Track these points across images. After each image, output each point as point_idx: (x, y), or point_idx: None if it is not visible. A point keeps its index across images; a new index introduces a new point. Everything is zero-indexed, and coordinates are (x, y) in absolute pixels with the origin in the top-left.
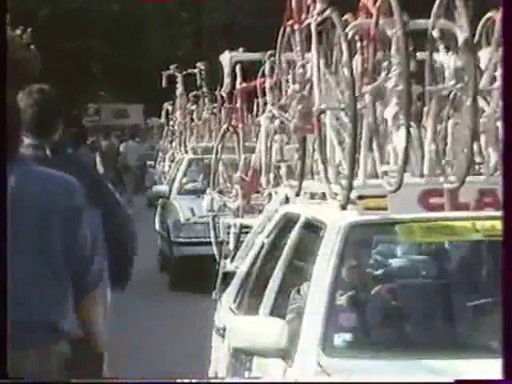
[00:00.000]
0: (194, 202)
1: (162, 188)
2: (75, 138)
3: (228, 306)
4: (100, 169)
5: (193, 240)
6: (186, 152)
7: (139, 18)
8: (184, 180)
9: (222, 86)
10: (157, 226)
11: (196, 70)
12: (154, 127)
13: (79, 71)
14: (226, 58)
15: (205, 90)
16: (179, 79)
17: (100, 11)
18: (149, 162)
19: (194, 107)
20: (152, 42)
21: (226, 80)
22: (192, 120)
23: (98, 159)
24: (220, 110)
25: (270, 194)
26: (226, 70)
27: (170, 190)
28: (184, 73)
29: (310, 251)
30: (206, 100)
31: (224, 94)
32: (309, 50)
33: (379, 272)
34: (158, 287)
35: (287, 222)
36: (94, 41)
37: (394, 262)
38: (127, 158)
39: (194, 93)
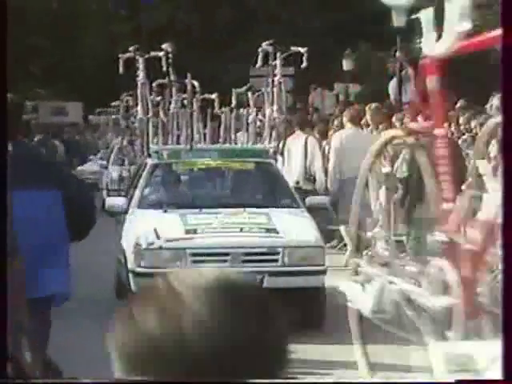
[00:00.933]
0: (160, 220)
1: (118, 201)
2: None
3: None
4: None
5: (157, 271)
6: (150, 156)
7: (78, 15)
8: (146, 191)
9: None
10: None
11: (161, 54)
12: (101, 124)
13: (17, 68)
14: None
15: (173, 77)
16: (140, 64)
17: (38, 8)
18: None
19: (159, 99)
20: (90, 40)
21: None
22: (157, 115)
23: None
24: (191, 103)
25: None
26: None
27: (129, 203)
28: (146, 56)
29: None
30: (174, 90)
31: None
32: None
33: None
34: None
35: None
36: (33, 38)
37: None
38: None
39: (159, 81)
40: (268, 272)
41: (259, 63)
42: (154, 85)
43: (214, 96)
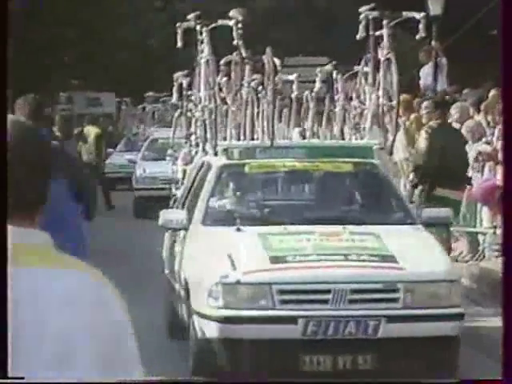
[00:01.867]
0: (234, 242)
1: (177, 215)
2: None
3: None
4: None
5: (233, 314)
6: (215, 154)
7: (111, 5)
8: (213, 201)
9: None
10: (166, 269)
11: (231, 22)
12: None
13: (52, 59)
14: None
15: (245, 53)
16: (204, 35)
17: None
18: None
19: (225, 80)
20: (124, 32)
21: None
22: (224, 102)
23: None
24: (275, 87)
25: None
26: None
27: (190, 218)
28: (211, 26)
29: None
30: (247, 69)
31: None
32: None
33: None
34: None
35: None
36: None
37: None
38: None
39: (229, 58)
40: (385, 316)
41: (361, 33)
42: (221, 62)
43: (293, 77)
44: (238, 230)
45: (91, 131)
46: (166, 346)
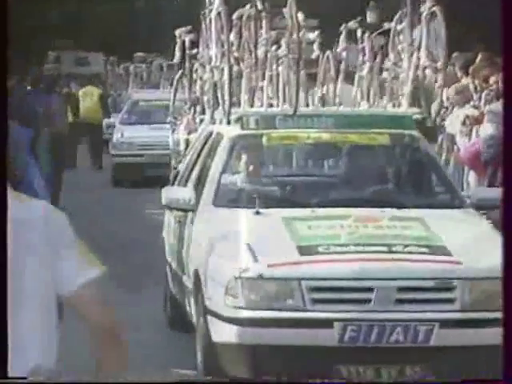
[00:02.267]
0: (254, 228)
1: (184, 194)
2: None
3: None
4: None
5: (257, 316)
6: (228, 122)
7: None
8: (226, 178)
9: None
10: (167, 253)
11: None
12: (124, 75)
13: (37, 19)
14: None
15: (261, 5)
16: None
17: None
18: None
19: (237, 37)
20: None
21: None
22: (237, 62)
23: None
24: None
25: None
26: None
27: (198, 197)
28: None
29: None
30: (264, 24)
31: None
32: None
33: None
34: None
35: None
36: None
37: None
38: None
39: (241, 11)
40: (438, 321)
41: None
42: (234, 17)
43: (314, 35)
44: (257, 213)
45: (94, 91)
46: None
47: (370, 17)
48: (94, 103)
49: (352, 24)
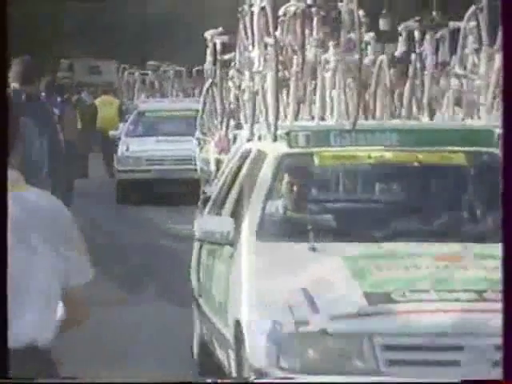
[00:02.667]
0: (310, 268)
1: (222, 224)
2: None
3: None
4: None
5: (319, 382)
6: (275, 139)
7: None
8: (272, 206)
9: None
10: (195, 290)
11: None
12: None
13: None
14: None
15: None
16: None
17: None
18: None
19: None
20: None
21: None
22: (283, 67)
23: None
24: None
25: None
26: None
27: (238, 229)
28: None
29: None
30: (315, 22)
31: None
32: None
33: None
34: None
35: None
36: None
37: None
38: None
39: (288, 6)
40: None
41: None
42: (280, 13)
43: (369, 36)
44: (313, 249)
45: (112, 101)
46: None
47: (436, 15)
48: (114, 113)
49: (411, 24)
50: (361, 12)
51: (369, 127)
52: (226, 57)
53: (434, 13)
